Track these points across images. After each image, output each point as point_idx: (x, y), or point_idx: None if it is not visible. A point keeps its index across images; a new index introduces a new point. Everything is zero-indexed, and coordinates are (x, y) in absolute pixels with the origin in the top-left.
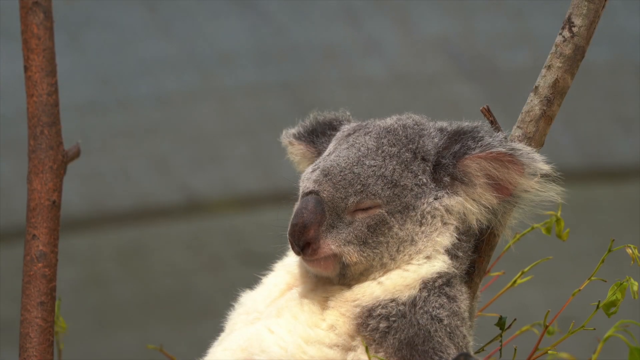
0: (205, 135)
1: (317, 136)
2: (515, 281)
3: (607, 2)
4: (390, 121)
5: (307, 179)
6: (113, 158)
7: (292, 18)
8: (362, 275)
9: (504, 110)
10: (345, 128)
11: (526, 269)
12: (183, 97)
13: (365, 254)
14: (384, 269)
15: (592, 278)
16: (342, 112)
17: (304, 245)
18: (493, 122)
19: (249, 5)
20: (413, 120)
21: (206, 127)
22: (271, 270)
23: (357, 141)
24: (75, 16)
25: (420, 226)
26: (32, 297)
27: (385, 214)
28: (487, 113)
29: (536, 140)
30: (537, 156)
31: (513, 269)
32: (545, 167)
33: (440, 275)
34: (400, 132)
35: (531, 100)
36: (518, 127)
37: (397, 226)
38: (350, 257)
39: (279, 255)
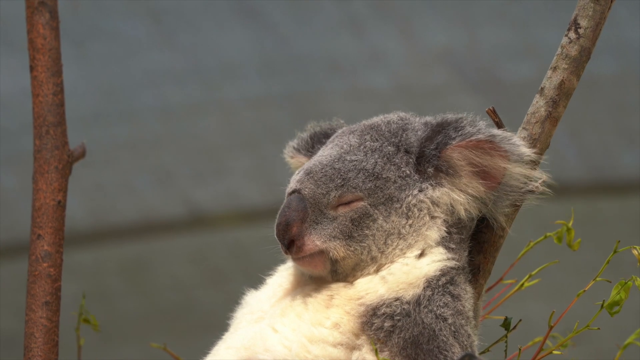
0: (208, 148)
1: (314, 146)
2: (522, 284)
3: (613, 3)
4: (375, 119)
5: (292, 180)
6: (116, 171)
7: (296, 30)
8: (354, 270)
9: (509, 122)
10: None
11: (534, 272)
12: (187, 109)
13: (352, 248)
14: (376, 263)
15: (598, 279)
16: (337, 121)
17: (289, 243)
18: (498, 123)
19: (253, 17)
20: (398, 116)
21: (210, 139)
22: (275, 271)
23: (341, 140)
24: (79, 27)
25: (407, 219)
26: (37, 296)
27: (368, 206)
28: (493, 114)
29: (542, 141)
30: (518, 141)
31: (518, 281)
32: (527, 151)
33: (443, 274)
34: (384, 128)
35: (537, 102)
36: (524, 128)
37: (381, 218)
38: (337, 252)
39: (282, 264)
